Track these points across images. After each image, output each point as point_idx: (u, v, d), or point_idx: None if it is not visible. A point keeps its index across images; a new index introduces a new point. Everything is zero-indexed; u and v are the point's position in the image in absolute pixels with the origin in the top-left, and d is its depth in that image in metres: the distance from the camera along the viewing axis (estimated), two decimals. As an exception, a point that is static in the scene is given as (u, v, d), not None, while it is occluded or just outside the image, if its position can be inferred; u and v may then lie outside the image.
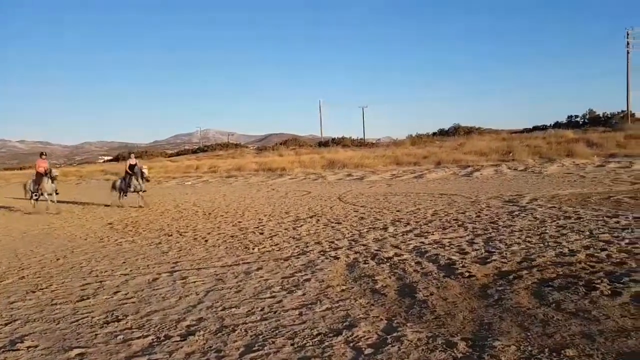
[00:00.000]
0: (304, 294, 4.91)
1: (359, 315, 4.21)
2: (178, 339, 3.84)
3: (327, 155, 28.81)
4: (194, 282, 5.57)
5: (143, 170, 15.35)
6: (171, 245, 8.04)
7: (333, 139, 45.55)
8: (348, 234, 8.20)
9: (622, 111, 39.28)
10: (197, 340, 3.77)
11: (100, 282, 5.84)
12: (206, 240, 8.34)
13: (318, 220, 9.95)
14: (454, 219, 9.19)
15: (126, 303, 4.91)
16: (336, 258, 6.40)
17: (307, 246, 7.29)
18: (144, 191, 15.63)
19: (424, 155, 28.00)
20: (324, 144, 43.58)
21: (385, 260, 6.16)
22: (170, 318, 4.36)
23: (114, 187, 16.38)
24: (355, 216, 10.28)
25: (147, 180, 15.63)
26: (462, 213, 9.93)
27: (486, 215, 9.51)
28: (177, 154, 57.68)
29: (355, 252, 6.69)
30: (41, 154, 15.19)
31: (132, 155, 17.07)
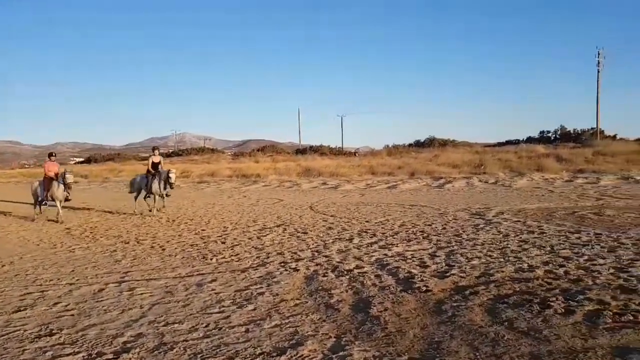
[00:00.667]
0: (254, 309, 4.72)
1: (308, 332, 4.04)
2: (111, 356, 3.60)
3: (303, 163, 28.67)
4: (141, 294, 5.32)
5: (170, 175, 12.73)
6: (126, 254, 7.73)
7: (311, 147, 45.45)
8: (313, 244, 8.04)
9: (592, 128, 40.36)
10: (130, 358, 3.54)
11: (43, 291, 5.52)
12: (163, 249, 8.06)
13: (285, 229, 9.77)
14: (420, 231, 9.14)
15: (64, 315, 4.63)
16: (296, 270, 6.23)
17: (268, 257, 7.10)
18: (168, 196, 13.36)
19: (399, 166, 28.14)
20: (301, 151, 43.41)
21: (346, 272, 6.02)
22: (108, 333, 4.11)
23: (132, 185, 13.97)
24: (324, 226, 10.14)
25: (171, 188, 12.99)
26: (429, 225, 9.89)
27: (452, 227, 9.49)
28: (151, 158, 56.47)
29: (317, 264, 6.53)
30: (50, 154, 12.86)
31: (156, 152, 13.79)
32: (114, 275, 6.24)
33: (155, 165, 13.34)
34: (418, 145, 43.77)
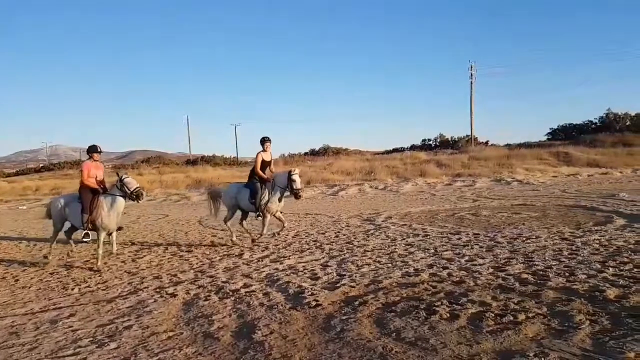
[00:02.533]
0: (117, 347, 4.02)
1: (179, 369, 3.49)
2: None
3: (193, 174, 27.30)
4: (-29, 341, 4.30)
5: (293, 176, 8.36)
6: (-37, 291, 6.38)
7: (203, 157, 43.75)
8: (197, 264, 7.38)
9: (467, 135, 44.27)
10: None
11: None
12: (17, 280, 6.84)
13: (166, 249, 8.91)
14: (313, 240, 8.92)
15: None
16: (173, 295, 5.57)
17: (142, 282, 6.31)
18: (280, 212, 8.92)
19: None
20: (192, 162, 41.57)
21: (231, 293, 5.51)
22: None
23: (213, 198, 9.43)
24: (212, 242, 9.47)
25: (298, 197, 8.62)
26: (322, 233, 9.74)
27: (344, 235, 9.43)
28: (17, 174, 50.00)
29: (199, 286, 5.92)
30: (93, 150, 7.48)
31: (267, 145, 8.70)
32: (-62, 321, 5.03)
33: (265, 165, 8.71)
34: (313, 153, 44.37)
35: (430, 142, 46.70)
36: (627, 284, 4.95)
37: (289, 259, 7.26)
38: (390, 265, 6.51)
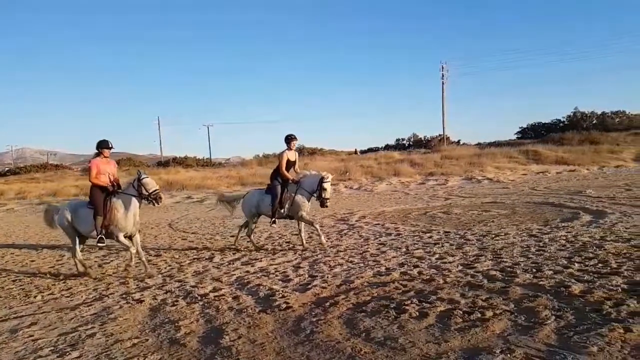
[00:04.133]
0: (79, 356, 3.88)
1: (142, 378, 3.38)
2: None
3: (164, 176, 26.77)
4: None
5: (325, 183, 7.71)
6: None
7: (174, 159, 43.04)
8: (165, 268, 7.22)
9: (440, 135, 44.91)
10: None
11: None
12: (-25, 290, 6.54)
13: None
14: (286, 242, 8.86)
15: None
16: (140, 301, 5.41)
17: (108, 288, 6.12)
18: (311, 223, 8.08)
19: (269, 175, 27.94)
20: (163, 163, 40.83)
21: (199, 298, 5.40)
22: None
23: (229, 203, 8.94)
24: (182, 245, 9.30)
25: (324, 205, 7.86)
26: (295, 234, 9.67)
27: (318, 236, 9.38)
28: (-18, 178, 48.24)
29: (167, 292, 5.78)
30: (103, 145, 6.76)
31: (293, 144, 8.05)
32: None
33: (290, 165, 8.07)
34: (287, 154, 44.25)
35: (404, 142, 47.26)
36: (591, 279, 5.06)
37: (261, 261, 7.17)
38: (362, 265, 6.50)
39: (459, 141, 43.54)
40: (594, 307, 4.22)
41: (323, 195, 7.73)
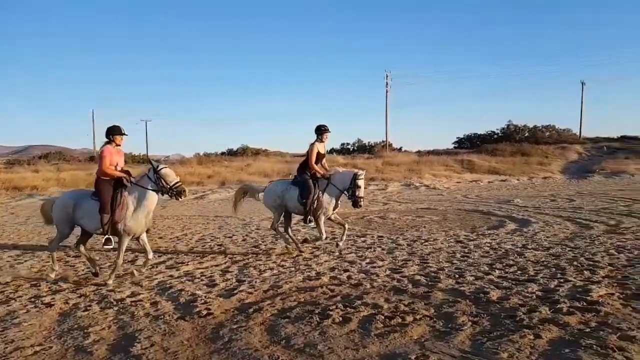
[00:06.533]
0: (-35, 368, 3.50)
1: (35, 392, 3.09)
2: None
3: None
4: None
5: (359, 180, 7.27)
6: None
7: (109, 155, 40.90)
8: (83, 270, 6.77)
9: (383, 141, 45.89)
10: None
11: None
12: None
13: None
14: (218, 245, 8.60)
15: None
16: (49, 305, 5.01)
17: (17, 291, 5.63)
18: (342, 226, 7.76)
19: (209, 175, 27.22)
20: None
21: (115, 303, 5.07)
22: None
23: (244, 193, 8.31)
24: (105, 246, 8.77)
25: (357, 206, 7.44)
26: (229, 237, 9.44)
27: (252, 238, 9.21)
28: None
29: (80, 295, 5.40)
30: (113, 131, 5.97)
31: (325, 136, 7.56)
32: None
33: (319, 159, 7.51)
34: (231, 154, 43.35)
35: (349, 147, 47.80)
36: (509, 286, 5.26)
37: (187, 265, 6.90)
38: (293, 269, 6.42)
39: (400, 148, 44.68)
40: (509, 313, 4.37)
41: (357, 194, 7.21)
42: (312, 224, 7.61)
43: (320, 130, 7.51)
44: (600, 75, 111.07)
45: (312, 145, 7.46)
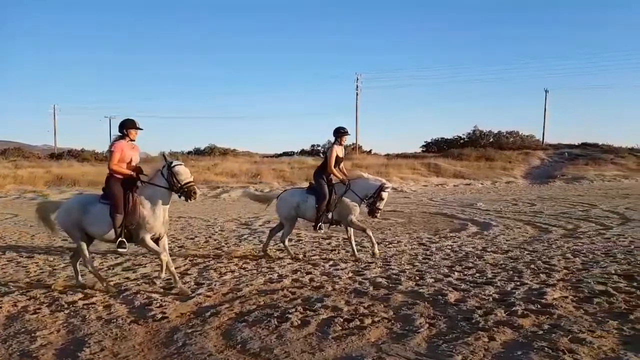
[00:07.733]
0: None
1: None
2: None
3: (56, 169, 24.48)
4: None
5: (384, 192, 6.91)
6: None
7: (69, 151, 39.65)
8: (35, 271, 6.48)
9: (353, 144, 46.16)
10: None
11: None
12: None
13: (3, 253, 7.75)
14: (178, 247, 8.40)
15: None
16: (-6, 309, 4.76)
17: (-41, 294, 5.33)
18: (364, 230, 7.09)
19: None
20: (57, 156, 37.44)
21: (66, 306, 4.87)
22: None
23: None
24: (60, 247, 8.45)
25: (374, 215, 7.10)
26: (191, 239, 9.25)
27: (215, 240, 9.06)
28: None
29: (30, 298, 5.16)
30: (127, 125, 5.53)
31: (344, 139, 7.34)
32: None
33: (338, 163, 7.16)
34: (198, 153, 42.68)
35: (319, 148, 47.85)
36: (467, 288, 5.33)
37: (145, 267, 6.70)
38: (255, 271, 6.33)
39: (370, 151, 45.01)
40: (466, 315, 4.42)
41: (377, 205, 6.87)
42: (322, 231, 7.26)
43: (339, 133, 7.18)
44: (564, 83, 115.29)
45: (330, 148, 7.14)
